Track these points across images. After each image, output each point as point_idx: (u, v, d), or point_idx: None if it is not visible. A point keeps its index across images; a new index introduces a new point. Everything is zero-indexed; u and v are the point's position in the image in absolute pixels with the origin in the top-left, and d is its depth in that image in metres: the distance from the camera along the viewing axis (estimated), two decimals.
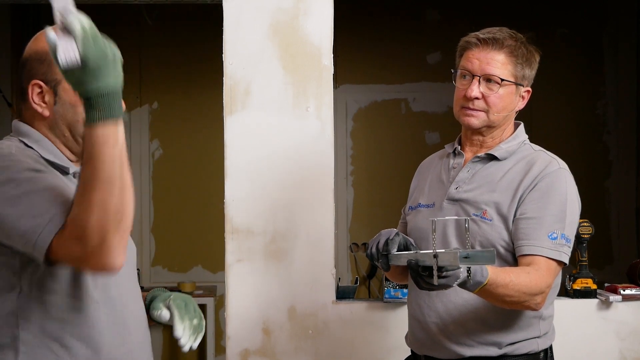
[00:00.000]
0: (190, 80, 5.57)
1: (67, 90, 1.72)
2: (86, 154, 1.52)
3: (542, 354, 2.25)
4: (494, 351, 2.20)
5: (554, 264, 2.16)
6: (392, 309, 3.02)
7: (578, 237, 3.06)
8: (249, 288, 2.98)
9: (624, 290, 3.02)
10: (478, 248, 2.17)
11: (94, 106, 1.49)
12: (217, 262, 5.06)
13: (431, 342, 2.27)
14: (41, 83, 1.74)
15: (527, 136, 2.35)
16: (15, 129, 1.80)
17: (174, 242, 5.73)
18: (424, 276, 1.86)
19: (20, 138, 1.76)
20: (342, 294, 3.10)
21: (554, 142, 6.00)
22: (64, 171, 1.76)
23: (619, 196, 5.58)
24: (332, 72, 3.02)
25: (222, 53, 2.99)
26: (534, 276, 2.09)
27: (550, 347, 2.29)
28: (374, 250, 2.10)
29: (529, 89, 2.30)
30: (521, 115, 2.40)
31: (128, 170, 1.55)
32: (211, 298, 5.41)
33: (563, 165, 2.25)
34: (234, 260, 2.98)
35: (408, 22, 5.60)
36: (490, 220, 2.20)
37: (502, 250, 2.19)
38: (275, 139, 2.99)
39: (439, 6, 5.60)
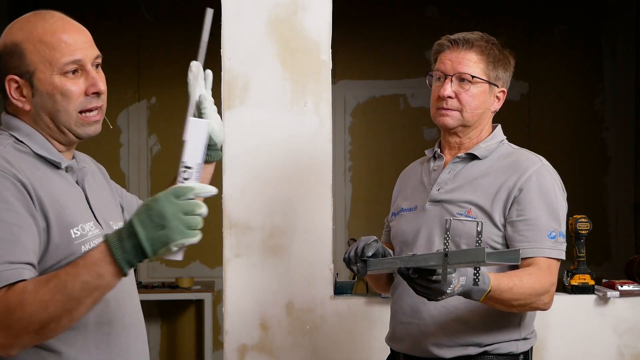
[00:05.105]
0: None
1: (41, 80, 1.69)
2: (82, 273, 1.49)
3: (521, 357, 2.24)
4: (473, 350, 2.20)
5: (555, 261, 2.18)
6: (389, 304, 3.02)
7: (576, 233, 3.06)
8: (246, 283, 2.98)
9: (621, 286, 3.02)
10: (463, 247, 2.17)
11: (134, 251, 1.50)
12: (215, 257, 5.06)
13: (412, 342, 2.26)
14: (16, 77, 1.70)
15: (505, 137, 2.36)
16: (5, 123, 1.76)
17: None
18: (414, 279, 1.84)
19: (11, 132, 1.73)
20: (340, 289, 3.10)
21: (552, 138, 6.01)
22: (56, 166, 1.73)
23: (617, 192, 5.59)
24: (331, 67, 3.01)
25: (220, 48, 2.99)
26: (537, 276, 2.09)
27: (531, 350, 2.29)
28: (351, 254, 2.09)
29: (504, 89, 2.32)
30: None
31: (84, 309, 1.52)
32: (209, 293, 5.42)
33: (544, 161, 2.27)
34: (232, 256, 2.98)
35: (407, 18, 5.59)
36: (475, 219, 2.19)
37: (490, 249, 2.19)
38: (274, 134, 2.99)
39: (438, 2, 5.60)
